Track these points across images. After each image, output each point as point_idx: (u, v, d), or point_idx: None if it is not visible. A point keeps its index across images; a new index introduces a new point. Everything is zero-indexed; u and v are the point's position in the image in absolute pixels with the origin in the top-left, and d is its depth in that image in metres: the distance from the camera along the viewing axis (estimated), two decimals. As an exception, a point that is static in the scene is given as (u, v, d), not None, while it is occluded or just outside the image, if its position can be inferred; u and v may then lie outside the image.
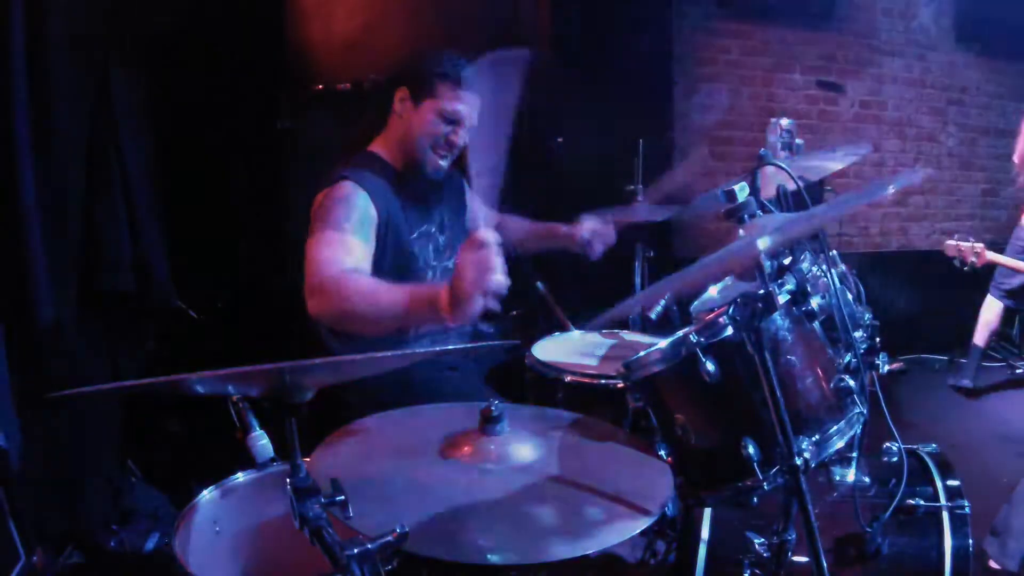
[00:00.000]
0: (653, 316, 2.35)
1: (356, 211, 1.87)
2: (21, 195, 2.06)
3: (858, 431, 1.42)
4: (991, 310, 4.16)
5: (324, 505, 1.02)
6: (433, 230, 2.13)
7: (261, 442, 1.04)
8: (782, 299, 1.31)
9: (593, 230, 2.32)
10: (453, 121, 1.98)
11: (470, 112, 1.99)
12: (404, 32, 3.17)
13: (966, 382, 4.18)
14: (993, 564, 2.55)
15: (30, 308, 2.10)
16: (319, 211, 1.88)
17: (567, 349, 2.15)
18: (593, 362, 2.04)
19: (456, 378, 2.11)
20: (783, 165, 1.59)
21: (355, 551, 0.98)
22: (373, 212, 1.91)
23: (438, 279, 2.09)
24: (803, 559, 1.46)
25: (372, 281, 1.71)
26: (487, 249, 1.46)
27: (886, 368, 1.62)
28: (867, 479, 1.68)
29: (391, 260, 1.98)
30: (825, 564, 1.23)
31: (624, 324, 2.42)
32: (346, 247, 1.80)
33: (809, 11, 4.62)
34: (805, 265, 1.47)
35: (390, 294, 1.65)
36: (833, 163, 1.94)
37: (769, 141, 3.71)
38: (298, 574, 1.35)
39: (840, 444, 1.35)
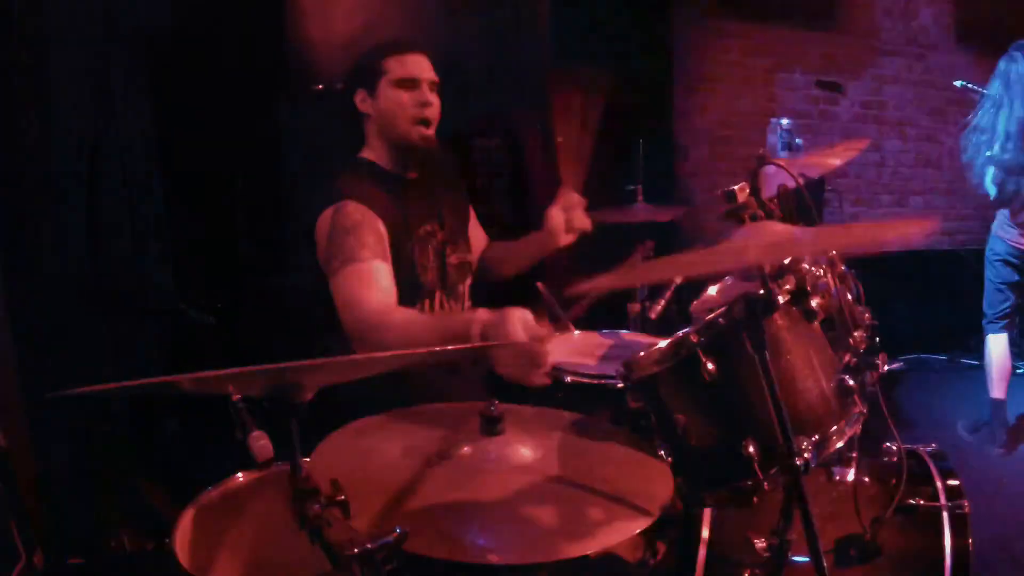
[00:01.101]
0: (653, 316, 2.35)
1: (368, 234, 1.89)
2: (23, 196, 2.06)
3: (858, 431, 1.42)
4: (999, 347, 3.52)
5: (324, 505, 1.02)
6: (433, 228, 2.13)
7: (261, 442, 1.04)
8: (782, 299, 1.31)
9: (564, 209, 2.15)
10: (412, 85, 2.02)
11: (423, 70, 2.03)
12: (404, 32, 3.17)
13: (1000, 450, 3.41)
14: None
15: (35, 308, 2.11)
16: (333, 245, 1.89)
17: (567, 349, 2.15)
18: (593, 362, 2.04)
19: (456, 378, 2.11)
20: (783, 165, 1.59)
21: (355, 551, 0.98)
22: (382, 228, 1.93)
23: (436, 280, 2.10)
24: (803, 559, 1.46)
25: (405, 317, 1.83)
26: (539, 349, 1.61)
27: (886, 368, 1.62)
28: (867, 479, 1.68)
29: (396, 264, 1.98)
30: (825, 564, 1.23)
31: (624, 324, 2.42)
32: (370, 280, 1.85)
33: (809, 11, 4.62)
34: (805, 265, 1.47)
35: (425, 331, 1.78)
36: (832, 160, 1.94)
37: (769, 141, 3.71)
38: (298, 574, 1.35)
39: (840, 444, 1.35)
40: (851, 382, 1.38)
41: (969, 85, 3.59)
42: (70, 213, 2.32)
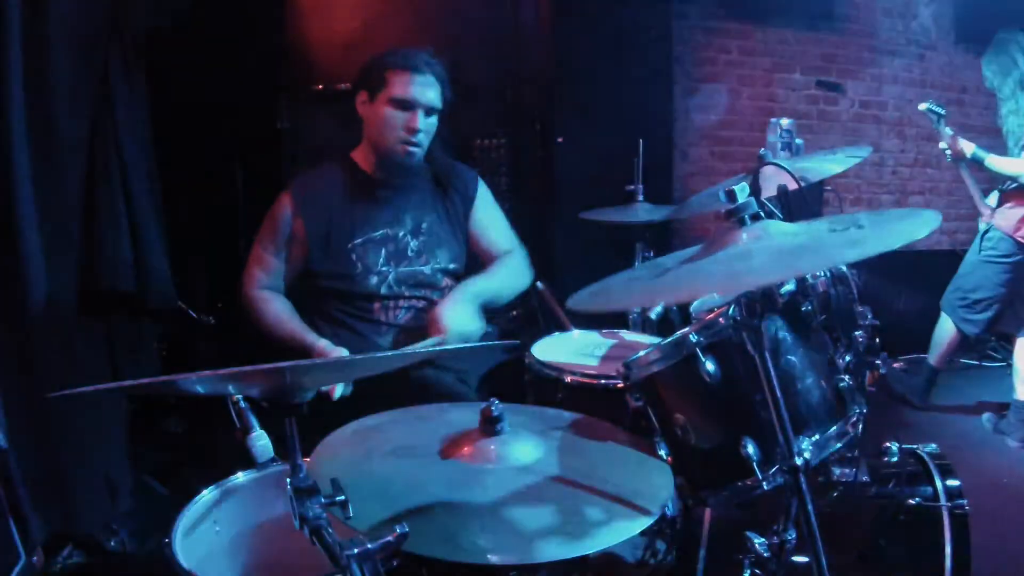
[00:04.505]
0: (653, 316, 2.35)
1: (279, 230, 2.11)
2: (19, 195, 2.06)
3: (858, 431, 1.43)
4: (947, 329, 3.70)
5: (324, 505, 1.02)
6: (400, 233, 2.12)
7: (261, 442, 1.04)
8: (782, 299, 1.31)
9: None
10: (407, 107, 2.02)
11: (423, 95, 2.03)
12: (404, 32, 3.17)
13: (1017, 444, 3.36)
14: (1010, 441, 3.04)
15: (34, 308, 2.10)
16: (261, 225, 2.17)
17: (567, 349, 2.15)
18: (593, 362, 2.04)
19: (455, 378, 2.11)
20: (783, 165, 1.60)
21: (355, 551, 0.98)
22: (298, 224, 2.08)
23: (388, 285, 2.11)
24: (803, 559, 1.46)
25: (276, 312, 2.08)
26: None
27: (886, 368, 1.62)
28: (867, 479, 1.68)
29: (330, 263, 2.07)
30: (825, 564, 1.23)
31: (624, 324, 2.42)
32: (264, 266, 2.12)
33: (809, 11, 4.62)
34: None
35: (285, 332, 2.04)
36: (833, 165, 1.94)
37: (769, 141, 3.71)
38: (298, 574, 1.34)
39: (840, 444, 1.35)
40: (851, 382, 1.38)
41: None
42: (69, 213, 2.31)
